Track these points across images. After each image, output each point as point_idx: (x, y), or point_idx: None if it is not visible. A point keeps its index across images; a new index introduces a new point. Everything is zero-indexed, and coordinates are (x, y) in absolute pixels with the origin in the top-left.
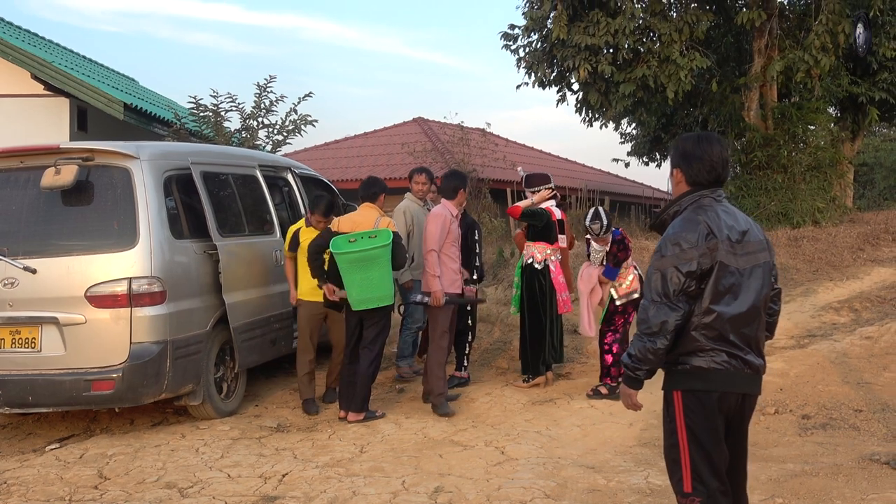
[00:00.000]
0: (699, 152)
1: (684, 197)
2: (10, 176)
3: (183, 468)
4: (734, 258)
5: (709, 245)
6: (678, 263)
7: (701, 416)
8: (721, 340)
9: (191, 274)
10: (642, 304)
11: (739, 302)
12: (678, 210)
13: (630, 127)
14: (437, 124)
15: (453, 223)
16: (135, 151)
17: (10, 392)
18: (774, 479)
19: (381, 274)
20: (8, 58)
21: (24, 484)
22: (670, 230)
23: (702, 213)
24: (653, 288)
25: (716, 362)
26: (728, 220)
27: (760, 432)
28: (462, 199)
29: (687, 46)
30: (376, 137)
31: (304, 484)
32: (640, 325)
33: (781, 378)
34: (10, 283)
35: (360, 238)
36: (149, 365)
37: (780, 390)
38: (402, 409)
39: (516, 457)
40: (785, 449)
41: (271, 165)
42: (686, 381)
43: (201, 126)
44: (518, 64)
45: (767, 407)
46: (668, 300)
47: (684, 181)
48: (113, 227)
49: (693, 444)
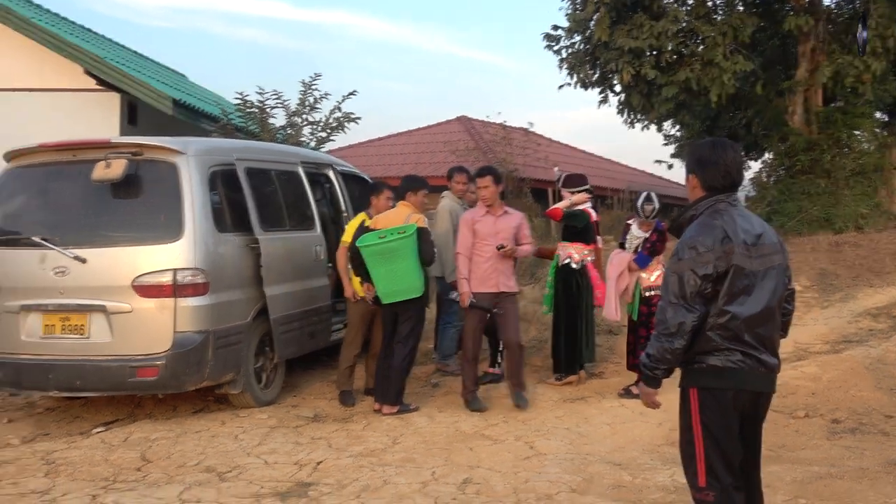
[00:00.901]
0: (714, 158)
1: (700, 202)
2: (63, 169)
3: (222, 453)
4: (749, 261)
5: (724, 248)
6: (694, 266)
7: (716, 413)
8: (736, 340)
9: (233, 266)
10: (660, 306)
11: (754, 303)
12: (694, 214)
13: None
14: (480, 123)
15: (477, 223)
16: (182, 147)
17: (59, 376)
18: (799, 480)
19: (405, 266)
20: (63, 53)
21: (72, 464)
22: (687, 234)
23: (718, 217)
24: (670, 290)
25: (731, 361)
26: (743, 223)
27: (789, 435)
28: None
29: (731, 50)
30: (419, 135)
31: (337, 472)
32: (658, 326)
33: (814, 382)
34: (61, 272)
35: (389, 234)
36: (191, 353)
37: (812, 394)
38: (435, 404)
39: (545, 452)
40: (812, 452)
41: (313, 162)
42: (702, 378)
43: (247, 122)
44: (560, 65)
45: (798, 410)
46: (685, 302)
47: (700, 186)
48: (160, 220)
49: (708, 439)
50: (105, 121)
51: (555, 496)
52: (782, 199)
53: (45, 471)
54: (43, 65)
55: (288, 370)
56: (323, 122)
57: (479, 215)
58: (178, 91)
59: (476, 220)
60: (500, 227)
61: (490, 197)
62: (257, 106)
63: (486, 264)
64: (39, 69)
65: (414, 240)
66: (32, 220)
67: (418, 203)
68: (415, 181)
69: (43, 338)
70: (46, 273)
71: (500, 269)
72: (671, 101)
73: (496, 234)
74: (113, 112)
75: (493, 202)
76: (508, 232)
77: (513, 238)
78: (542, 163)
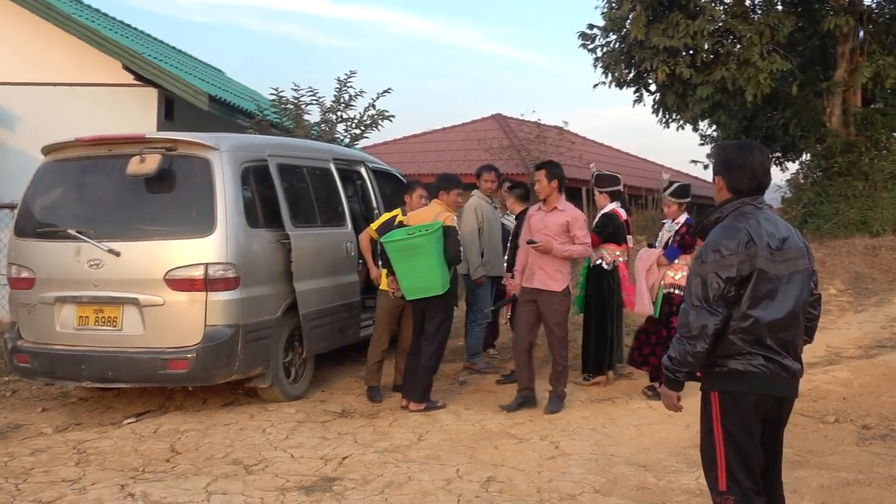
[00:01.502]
0: (741, 160)
1: (726, 204)
2: (99, 163)
3: (249, 447)
4: (773, 265)
5: (748, 252)
6: (718, 269)
7: (737, 417)
8: (758, 344)
9: (264, 262)
10: (682, 309)
11: (777, 307)
12: (719, 217)
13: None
14: (515, 121)
15: (532, 217)
16: (215, 143)
17: (92, 367)
18: (826, 486)
19: (427, 263)
20: (102, 49)
21: (102, 454)
22: (711, 237)
23: (743, 220)
24: (693, 293)
25: (752, 365)
26: (769, 227)
27: (818, 440)
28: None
29: (768, 49)
30: (454, 133)
31: (362, 467)
32: (681, 329)
33: (845, 387)
34: (95, 265)
35: (417, 230)
36: (221, 347)
37: (843, 399)
38: (463, 401)
39: (570, 452)
40: (841, 458)
41: (345, 159)
42: (723, 382)
43: (282, 118)
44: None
45: (828, 416)
46: (708, 305)
47: (726, 188)
48: (192, 215)
49: (728, 444)
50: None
51: (578, 496)
52: (818, 201)
53: (76, 460)
54: (83, 60)
55: (317, 365)
56: (357, 119)
57: (535, 209)
58: (214, 87)
59: (532, 213)
60: (548, 223)
61: (542, 190)
62: (292, 102)
63: (531, 258)
64: (80, 64)
65: (438, 237)
66: (68, 213)
67: (451, 202)
68: (448, 180)
69: (77, 329)
70: (81, 265)
71: (541, 266)
72: (706, 100)
73: (542, 229)
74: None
75: (547, 196)
76: (555, 229)
77: (561, 235)
78: (577, 161)
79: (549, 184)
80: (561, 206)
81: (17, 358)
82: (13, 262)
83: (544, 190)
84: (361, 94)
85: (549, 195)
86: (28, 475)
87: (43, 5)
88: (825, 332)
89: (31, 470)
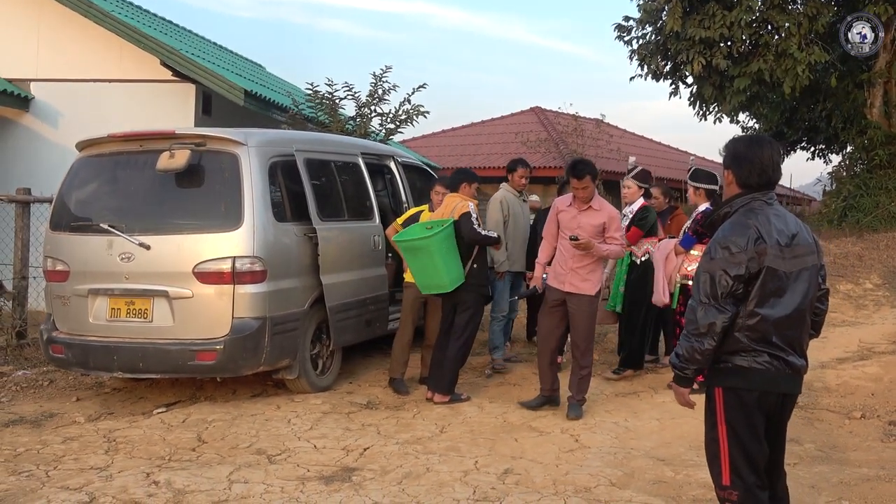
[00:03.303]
0: (750, 155)
1: (735, 199)
2: (131, 158)
3: (274, 437)
4: (782, 262)
5: (757, 249)
6: (726, 267)
7: (741, 413)
8: (763, 342)
9: (291, 255)
10: (690, 305)
11: (784, 305)
12: (728, 212)
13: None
14: (554, 114)
15: (562, 213)
16: (243, 139)
17: (123, 358)
18: (845, 482)
19: (433, 263)
20: (140, 45)
21: (131, 442)
22: (720, 233)
23: (752, 216)
24: (701, 290)
25: (757, 362)
26: (778, 223)
27: (842, 436)
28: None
29: (806, 40)
30: (493, 126)
31: (382, 458)
32: (688, 326)
33: (874, 383)
34: (126, 258)
35: (435, 226)
36: (248, 339)
37: (872, 395)
38: (488, 394)
39: (589, 445)
40: (864, 454)
41: (374, 153)
42: (727, 378)
43: (317, 113)
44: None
45: (854, 411)
46: (717, 302)
47: (735, 183)
48: (220, 209)
49: (732, 439)
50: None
51: (593, 489)
52: (858, 194)
53: (106, 448)
54: (122, 56)
55: (345, 357)
56: (392, 113)
57: (566, 204)
58: (250, 82)
59: (561, 208)
60: (582, 222)
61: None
62: (327, 97)
63: (559, 258)
64: (119, 60)
65: (442, 238)
66: (101, 207)
67: (471, 194)
68: (467, 173)
69: (109, 321)
70: (113, 258)
71: (574, 268)
72: (743, 92)
73: (576, 229)
74: (188, 102)
75: (592, 196)
76: (590, 229)
77: (596, 236)
78: (615, 154)
79: (593, 183)
80: (597, 204)
81: (52, 349)
82: (48, 255)
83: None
84: (395, 88)
85: (593, 194)
86: (59, 462)
87: (84, 3)
88: (859, 326)
89: (61, 457)
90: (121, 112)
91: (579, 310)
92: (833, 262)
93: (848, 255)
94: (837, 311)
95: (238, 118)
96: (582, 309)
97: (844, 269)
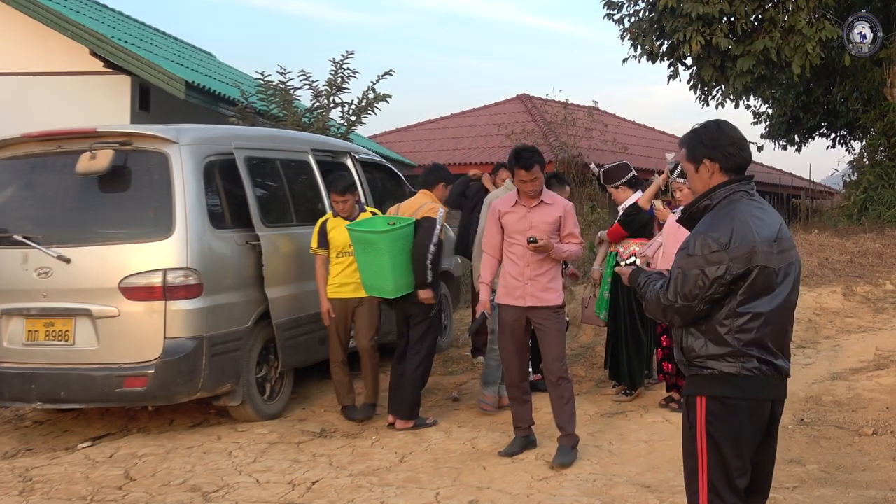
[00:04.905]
0: (725, 135)
1: (716, 190)
2: (48, 160)
3: (212, 471)
4: (772, 258)
5: (744, 248)
6: (705, 266)
7: (725, 424)
8: (755, 345)
9: (231, 266)
10: (664, 293)
11: (774, 304)
12: (709, 204)
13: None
14: (542, 102)
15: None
16: (174, 136)
17: (42, 386)
18: None
19: (380, 262)
20: (66, 33)
21: (49, 482)
22: (701, 227)
23: (735, 210)
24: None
25: (746, 369)
26: (765, 216)
27: (850, 455)
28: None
29: (816, 15)
30: (475, 116)
31: (332, 492)
32: (662, 302)
33: (890, 395)
34: (44, 273)
35: (399, 222)
36: (183, 362)
37: (886, 409)
38: (457, 418)
39: (566, 472)
40: (872, 474)
41: (327, 150)
42: (712, 386)
43: (269, 105)
44: (623, 35)
45: (865, 427)
46: (687, 301)
47: (718, 170)
48: (149, 216)
49: (713, 453)
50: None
51: None
52: (879, 185)
53: (20, 489)
54: (48, 46)
55: (301, 380)
56: (355, 104)
57: (509, 205)
58: (194, 73)
59: (504, 211)
60: (534, 221)
61: (684, 199)
62: (280, 87)
63: (511, 269)
64: (44, 51)
65: (396, 238)
66: (15, 216)
67: (441, 198)
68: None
69: (26, 344)
70: (29, 274)
71: (532, 276)
72: (748, 74)
73: (528, 230)
74: (123, 96)
75: (539, 189)
76: (544, 227)
77: (552, 235)
78: (610, 145)
79: (542, 174)
80: (548, 198)
81: None
82: None
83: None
84: (356, 75)
85: (540, 188)
86: None
87: None
88: (876, 333)
89: None
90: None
91: (547, 325)
92: (850, 262)
93: (867, 252)
94: (854, 316)
95: (181, 114)
96: (549, 324)
97: (862, 268)
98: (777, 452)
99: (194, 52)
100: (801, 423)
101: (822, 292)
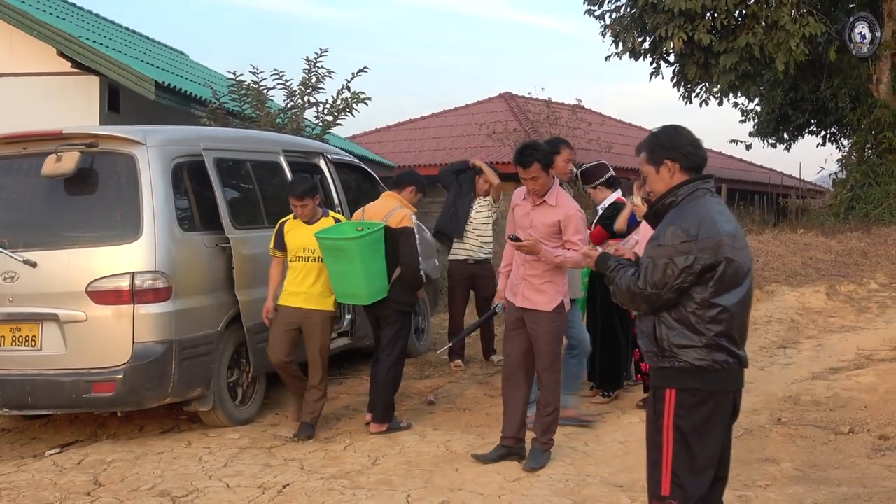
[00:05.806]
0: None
1: (680, 188)
2: (13, 163)
3: (181, 476)
4: (737, 252)
5: (710, 240)
6: (674, 255)
7: (694, 416)
8: (723, 336)
9: (200, 269)
10: (634, 281)
11: (739, 295)
12: (674, 201)
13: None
14: (525, 100)
15: (517, 207)
16: (141, 137)
17: (8, 393)
18: (821, 502)
19: (353, 269)
20: (32, 32)
21: (16, 489)
22: (670, 217)
23: (700, 205)
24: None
25: (716, 362)
26: (725, 212)
27: (825, 453)
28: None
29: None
30: (457, 116)
31: (303, 496)
32: (628, 293)
33: (868, 394)
34: (9, 277)
35: (367, 227)
36: (152, 366)
37: (864, 408)
38: (432, 421)
39: (539, 473)
40: (845, 471)
41: (299, 150)
42: (683, 379)
43: (242, 106)
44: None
45: (842, 426)
46: (656, 289)
47: (679, 169)
48: (116, 218)
49: (679, 445)
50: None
51: None
52: (866, 183)
53: None
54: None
55: (274, 385)
56: (330, 103)
57: (520, 198)
58: (165, 73)
59: (516, 202)
60: (535, 220)
61: (539, 188)
62: (252, 87)
63: (514, 265)
64: (9, 51)
65: (368, 243)
66: None
67: (410, 201)
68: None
69: None
70: None
71: (526, 276)
72: (732, 71)
73: (528, 228)
74: (92, 97)
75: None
76: (543, 229)
77: (551, 238)
78: (594, 144)
79: (546, 173)
80: (552, 199)
81: None
82: None
83: (544, 186)
84: (331, 74)
85: (548, 186)
86: None
87: None
88: (858, 332)
89: None
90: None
91: (537, 330)
92: (834, 261)
93: (852, 251)
94: (836, 316)
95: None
96: (540, 329)
97: (847, 267)
98: (752, 451)
99: (166, 51)
100: (778, 422)
101: (806, 292)
